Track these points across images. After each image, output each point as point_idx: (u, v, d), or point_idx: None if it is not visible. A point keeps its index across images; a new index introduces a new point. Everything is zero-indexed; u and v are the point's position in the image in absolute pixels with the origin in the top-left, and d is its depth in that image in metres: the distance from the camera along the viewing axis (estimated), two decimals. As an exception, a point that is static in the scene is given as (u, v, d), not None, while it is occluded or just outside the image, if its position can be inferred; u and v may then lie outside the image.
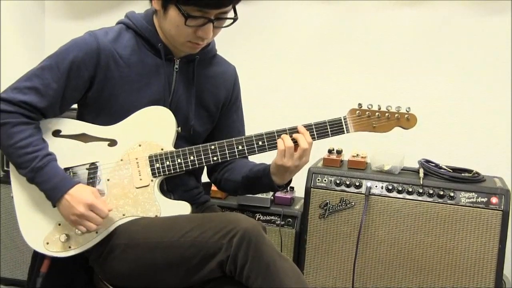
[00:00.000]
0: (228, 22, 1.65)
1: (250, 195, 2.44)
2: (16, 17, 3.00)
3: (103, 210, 1.58)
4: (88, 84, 1.66)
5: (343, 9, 2.85)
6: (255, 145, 1.68)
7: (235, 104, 1.90)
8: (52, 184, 1.59)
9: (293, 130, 1.68)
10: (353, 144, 2.44)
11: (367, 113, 1.71)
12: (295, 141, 1.65)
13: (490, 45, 2.68)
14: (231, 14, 1.63)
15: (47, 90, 1.61)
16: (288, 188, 2.53)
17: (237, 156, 1.69)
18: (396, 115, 1.72)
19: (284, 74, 2.96)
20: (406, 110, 1.72)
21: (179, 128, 1.71)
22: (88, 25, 1.78)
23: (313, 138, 1.68)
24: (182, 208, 1.67)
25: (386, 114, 1.71)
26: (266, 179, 1.73)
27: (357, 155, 2.47)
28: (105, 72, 1.66)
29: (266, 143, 1.68)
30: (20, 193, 1.67)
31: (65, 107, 1.69)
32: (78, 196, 1.57)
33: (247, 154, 1.69)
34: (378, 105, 1.72)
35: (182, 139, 1.74)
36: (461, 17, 2.70)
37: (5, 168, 2.56)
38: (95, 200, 1.58)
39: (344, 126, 1.69)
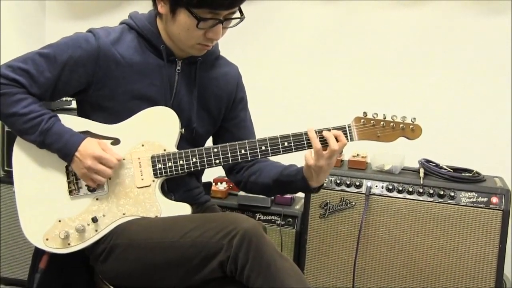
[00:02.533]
0: (235, 22, 1.66)
1: (251, 195, 2.44)
2: (17, 17, 3.00)
3: (110, 160, 1.61)
4: (84, 81, 1.67)
5: (345, 10, 2.85)
6: (258, 150, 1.68)
7: (242, 103, 1.90)
8: (63, 142, 1.62)
9: (297, 137, 1.68)
10: (353, 144, 2.44)
11: (371, 122, 1.70)
12: (323, 141, 1.64)
13: (490, 45, 2.68)
14: (237, 14, 1.64)
15: (39, 76, 1.63)
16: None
17: (240, 160, 1.69)
18: (401, 125, 1.70)
19: (286, 75, 2.96)
20: (412, 121, 1.71)
21: (183, 129, 1.72)
22: (89, 25, 1.77)
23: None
24: (183, 209, 1.67)
25: (391, 124, 1.70)
26: (301, 182, 1.72)
27: (358, 155, 2.47)
28: (104, 72, 1.66)
29: (269, 148, 1.68)
30: (22, 188, 1.68)
31: (56, 97, 1.70)
32: (85, 150, 1.61)
33: (249, 158, 1.69)
34: (384, 114, 1.71)
35: (183, 141, 1.74)
36: (461, 17, 2.71)
37: (6, 168, 2.56)
38: (102, 152, 1.61)
39: (348, 134, 1.69)
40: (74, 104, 2.51)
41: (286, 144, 1.68)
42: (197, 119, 1.78)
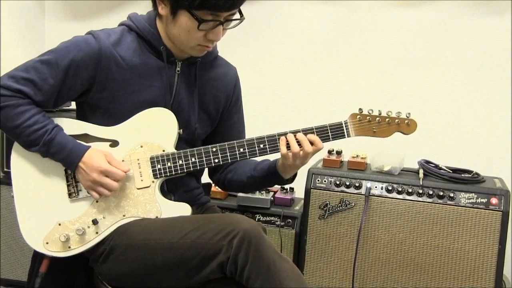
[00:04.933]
0: (234, 23, 1.66)
1: (250, 196, 2.45)
2: (16, 17, 3.00)
3: (117, 173, 1.61)
4: (86, 84, 1.67)
5: (345, 10, 2.85)
6: (257, 148, 1.69)
7: (236, 106, 1.91)
8: (66, 152, 1.62)
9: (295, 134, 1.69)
10: (353, 145, 2.44)
11: (367, 118, 1.72)
12: (299, 143, 1.68)
13: (490, 45, 2.68)
14: (236, 15, 1.65)
15: (43, 84, 1.63)
16: (288, 188, 2.54)
17: (239, 159, 1.70)
18: (396, 120, 1.73)
19: (286, 75, 2.95)
20: (406, 116, 1.74)
21: (181, 130, 1.72)
22: (88, 25, 1.78)
23: None
24: (183, 209, 1.67)
25: (387, 119, 1.73)
26: (274, 176, 1.77)
27: (357, 155, 2.47)
28: (105, 74, 1.66)
29: (267, 146, 1.69)
30: (21, 192, 1.67)
31: (60, 103, 1.70)
32: (91, 162, 1.61)
33: (248, 157, 1.70)
34: (379, 110, 1.74)
35: (182, 141, 1.74)
36: (461, 18, 2.70)
37: (5, 169, 2.56)
38: (108, 165, 1.61)
39: (344, 131, 1.71)
40: (73, 105, 2.50)
41: None
42: (197, 120, 1.78)
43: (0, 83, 1.62)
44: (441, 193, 2.25)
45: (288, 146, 1.68)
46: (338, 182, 2.34)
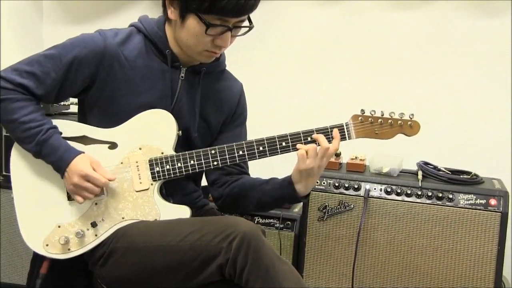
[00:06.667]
0: (243, 30, 1.66)
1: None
2: (14, 21, 3.00)
3: (98, 179, 1.60)
4: (88, 80, 1.67)
5: (345, 12, 2.85)
6: (256, 150, 1.68)
7: (240, 119, 1.89)
8: (57, 156, 1.62)
9: (295, 136, 1.68)
10: (351, 147, 2.44)
11: (369, 119, 1.69)
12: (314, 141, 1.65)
13: (489, 46, 2.69)
14: (245, 23, 1.65)
15: (45, 78, 1.63)
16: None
17: (237, 161, 1.68)
18: (399, 121, 1.69)
19: (286, 77, 2.96)
20: (410, 117, 1.70)
21: (180, 132, 1.71)
22: (86, 28, 1.78)
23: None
24: (182, 212, 1.67)
25: (389, 121, 1.69)
26: (288, 189, 1.71)
27: (356, 157, 2.47)
28: (108, 72, 1.66)
29: (267, 149, 1.68)
30: (21, 194, 1.68)
31: (61, 98, 1.71)
32: (75, 167, 1.60)
33: (247, 159, 1.68)
34: (381, 111, 1.69)
35: (181, 149, 1.73)
36: (461, 19, 2.71)
37: (4, 173, 2.55)
38: (90, 171, 1.60)
39: (346, 133, 1.68)
40: (72, 109, 2.51)
41: (284, 144, 1.68)
42: (197, 129, 1.78)
43: (3, 75, 1.63)
44: (440, 195, 2.25)
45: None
46: (337, 184, 2.34)
